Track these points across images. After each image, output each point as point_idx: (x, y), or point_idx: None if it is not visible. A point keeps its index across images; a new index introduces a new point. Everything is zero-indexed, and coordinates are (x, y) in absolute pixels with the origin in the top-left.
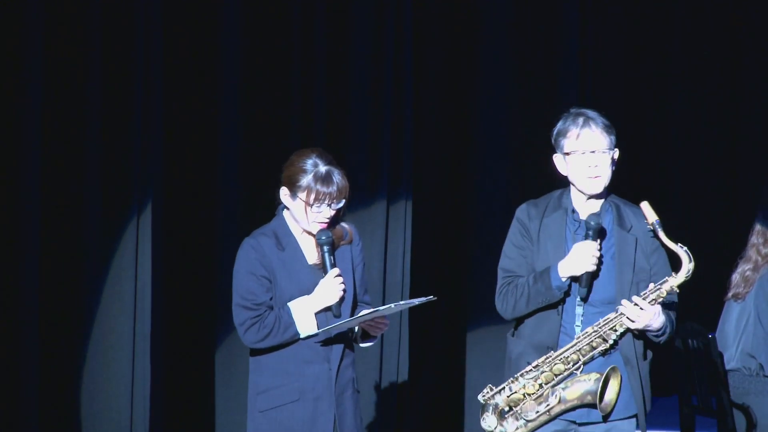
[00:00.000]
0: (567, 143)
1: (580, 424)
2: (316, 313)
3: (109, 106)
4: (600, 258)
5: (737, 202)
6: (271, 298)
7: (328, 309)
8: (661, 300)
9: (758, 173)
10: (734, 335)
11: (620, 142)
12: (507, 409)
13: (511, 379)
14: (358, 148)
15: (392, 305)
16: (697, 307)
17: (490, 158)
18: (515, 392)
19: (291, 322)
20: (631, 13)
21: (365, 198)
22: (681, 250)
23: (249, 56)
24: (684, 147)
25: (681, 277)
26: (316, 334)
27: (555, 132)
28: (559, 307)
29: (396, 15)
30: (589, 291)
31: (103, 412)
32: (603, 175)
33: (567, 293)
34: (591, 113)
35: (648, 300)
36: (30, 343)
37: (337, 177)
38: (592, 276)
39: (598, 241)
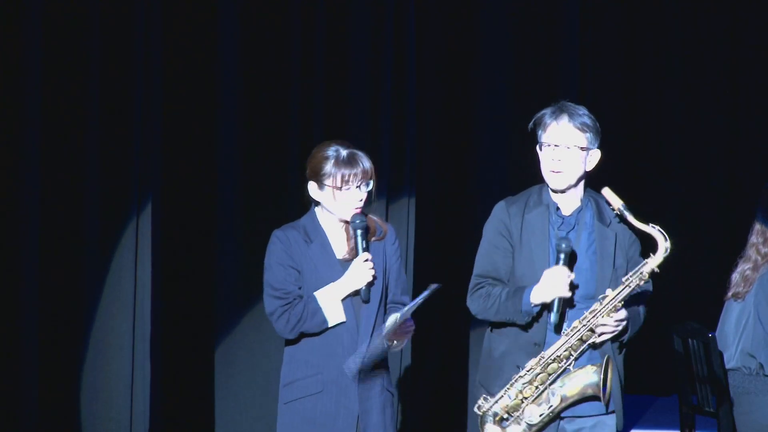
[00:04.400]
0: (540, 134)
1: (564, 418)
2: (343, 299)
3: (109, 106)
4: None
5: (737, 202)
6: (300, 288)
7: (356, 293)
8: (643, 283)
9: (758, 173)
10: (734, 335)
11: (620, 141)
12: (506, 416)
13: (507, 386)
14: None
15: (405, 309)
16: (697, 307)
17: (492, 156)
18: (513, 399)
19: (317, 308)
20: (631, 13)
21: None
22: (654, 231)
23: (248, 56)
24: (683, 147)
25: (659, 257)
26: (345, 323)
27: (534, 122)
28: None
29: (396, 14)
30: (562, 317)
31: (103, 412)
32: (565, 171)
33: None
34: (573, 108)
35: (632, 284)
36: (30, 342)
37: (361, 157)
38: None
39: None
